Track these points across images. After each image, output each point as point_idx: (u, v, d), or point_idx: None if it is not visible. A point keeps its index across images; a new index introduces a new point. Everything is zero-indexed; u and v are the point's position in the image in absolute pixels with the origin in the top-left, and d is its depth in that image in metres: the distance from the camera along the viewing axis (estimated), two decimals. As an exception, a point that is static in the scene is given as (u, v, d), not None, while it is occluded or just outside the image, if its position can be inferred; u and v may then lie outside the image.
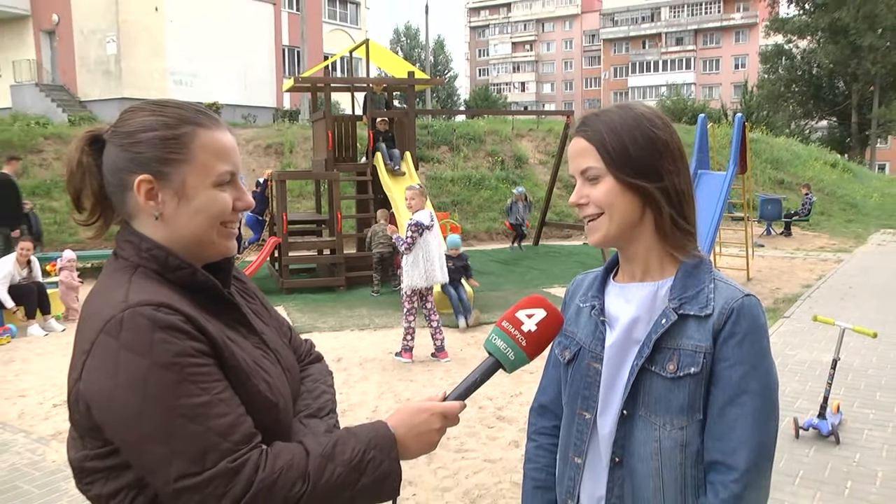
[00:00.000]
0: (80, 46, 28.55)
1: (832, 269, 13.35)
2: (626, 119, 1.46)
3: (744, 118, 11.82)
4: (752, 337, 1.40)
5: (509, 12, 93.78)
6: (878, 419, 5.63)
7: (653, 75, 79.76)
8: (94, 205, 1.37)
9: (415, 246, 7.34)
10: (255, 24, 31.95)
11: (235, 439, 1.20)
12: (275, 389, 1.34)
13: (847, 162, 31.81)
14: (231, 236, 1.39)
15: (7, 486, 4.60)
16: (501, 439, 5.34)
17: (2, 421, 5.87)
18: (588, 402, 1.53)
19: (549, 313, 1.41)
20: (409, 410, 1.37)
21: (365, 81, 14.42)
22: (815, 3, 42.98)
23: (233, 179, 1.37)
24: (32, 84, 28.95)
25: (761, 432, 1.38)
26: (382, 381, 6.85)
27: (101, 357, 1.19)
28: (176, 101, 1.38)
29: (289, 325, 1.63)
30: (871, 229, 20.58)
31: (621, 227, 1.47)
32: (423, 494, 4.43)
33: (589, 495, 1.54)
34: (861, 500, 4.26)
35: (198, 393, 1.19)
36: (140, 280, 1.28)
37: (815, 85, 44.77)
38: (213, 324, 1.29)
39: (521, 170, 21.04)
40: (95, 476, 1.27)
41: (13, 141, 17.21)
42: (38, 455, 5.12)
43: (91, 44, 28.20)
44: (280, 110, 31.13)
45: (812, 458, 4.88)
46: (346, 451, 1.27)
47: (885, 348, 7.57)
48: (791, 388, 6.30)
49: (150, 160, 1.30)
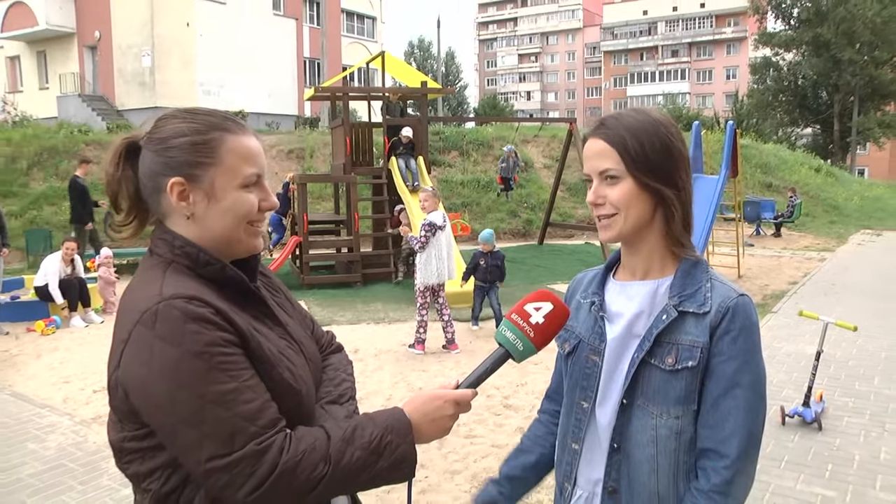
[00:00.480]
0: (118, 60, 28.71)
1: (816, 267, 13.29)
2: (644, 124, 1.44)
3: (735, 125, 11.77)
4: (746, 334, 1.40)
5: (516, 26, 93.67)
6: (857, 407, 5.63)
7: (650, 85, 79.52)
8: (131, 206, 1.37)
9: (428, 245, 7.34)
10: (279, 37, 32.05)
11: (262, 423, 1.20)
12: (298, 377, 1.34)
13: (830, 167, 31.62)
14: (257, 234, 1.39)
15: (55, 464, 4.65)
16: (508, 426, 5.33)
17: (49, 405, 5.91)
18: (586, 392, 1.53)
19: (555, 306, 1.41)
20: (423, 398, 1.36)
21: (381, 91, 14.43)
22: (799, 20, 42.97)
23: (258, 181, 1.37)
24: (76, 95, 29.17)
25: (751, 423, 1.38)
26: (396, 371, 6.85)
27: (138, 346, 1.20)
28: (206, 109, 1.38)
29: (311, 318, 1.63)
30: (852, 230, 20.53)
31: (634, 227, 1.46)
32: (435, 477, 4.44)
33: (586, 479, 1.54)
34: (840, 481, 4.27)
35: (226, 380, 1.19)
36: (173, 275, 1.28)
37: (801, 95, 44.65)
38: (241, 316, 1.29)
39: (527, 173, 20.99)
40: (133, 456, 1.28)
41: (58, 147, 17.33)
42: (81, 437, 5.16)
43: (128, 57, 28.34)
44: (301, 118, 31.15)
45: (797, 443, 4.87)
46: (364, 435, 1.27)
47: (864, 341, 7.55)
48: (778, 379, 6.28)
49: (182, 164, 1.31)
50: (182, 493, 1.26)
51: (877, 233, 20.12)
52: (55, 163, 16.98)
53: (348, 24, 38.31)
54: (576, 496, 1.56)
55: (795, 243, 17.50)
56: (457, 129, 23.86)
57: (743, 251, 12.98)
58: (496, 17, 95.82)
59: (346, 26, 37.91)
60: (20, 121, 22.96)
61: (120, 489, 4.20)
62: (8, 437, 5.17)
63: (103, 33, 29.02)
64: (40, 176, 16.61)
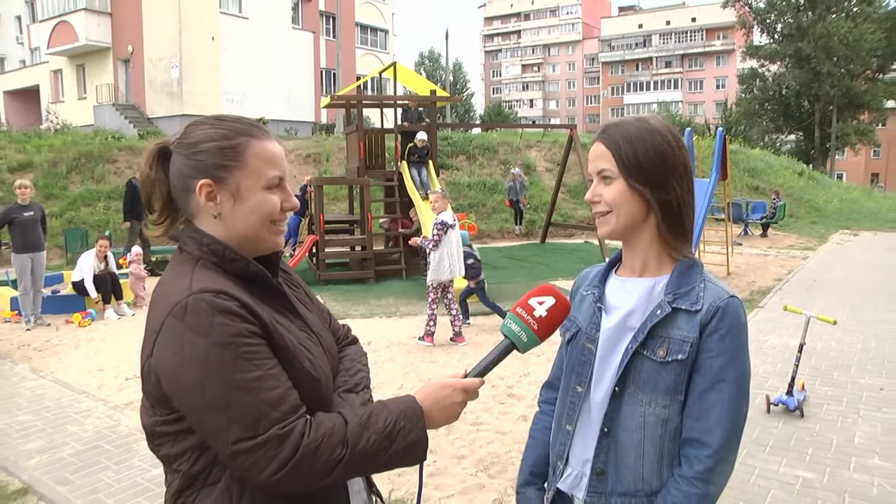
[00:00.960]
0: (149, 72, 28.80)
1: (800, 265, 13.23)
2: (641, 131, 1.46)
3: (724, 132, 11.71)
4: (734, 333, 1.40)
5: (519, 38, 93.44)
6: (835, 395, 5.62)
7: (645, 94, 79.22)
8: (163, 206, 1.38)
9: (441, 243, 7.30)
10: (297, 49, 32.06)
11: (284, 409, 1.20)
12: (317, 367, 1.35)
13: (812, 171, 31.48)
14: (279, 233, 1.39)
15: (91, 446, 4.68)
16: (512, 414, 5.32)
17: (85, 391, 5.94)
18: (581, 377, 1.54)
19: (557, 300, 1.41)
20: (434, 386, 1.36)
21: (393, 99, 14.40)
22: (782, 34, 42.96)
23: (281, 183, 1.37)
24: (110, 104, 29.28)
25: (734, 415, 1.39)
26: (407, 361, 6.84)
27: (169, 336, 1.20)
28: (233, 116, 1.38)
29: (328, 312, 1.63)
30: (832, 230, 20.44)
31: (627, 225, 1.47)
32: (443, 461, 4.43)
33: (577, 458, 1.55)
34: (819, 464, 4.28)
35: (251, 369, 1.20)
36: (202, 270, 1.29)
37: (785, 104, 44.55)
38: (264, 309, 1.30)
39: (530, 176, 20.94)
40: (164, 439, 1.29)
41: (94, 152, 17.41)
42: (115, 420, 5.18)
43: (158, 69, 28.44)
44: (318, 124, 31.20)
45: (780, 429, 4.86)
46: (379, 420, 1.27)
47: (842, 334, 7.54)
48: (763, 369, 6.25)
49: (209, 167, 1.31)
50: (210, 473, 1.27)
51: (854, 233, 20.07)
52: (91, 167, 17.06)
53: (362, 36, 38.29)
54: (566, 474, 1.56)
55: (780, 242, 17.42)
56: (464, 135, 23.84)
57: (732, 250, 12.92)
58: (501, 30, 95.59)
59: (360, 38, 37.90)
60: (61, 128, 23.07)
61: (150, 469, 4.22)
62: (51, 420, 5.21)
63: (136, 47, 29.15)
64: (78, 179, 16.69)
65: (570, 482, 1.55)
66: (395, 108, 13.91)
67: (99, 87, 30.43)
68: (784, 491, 3.91)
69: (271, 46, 30.15)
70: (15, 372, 6.57)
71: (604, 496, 1.48)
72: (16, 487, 4.08)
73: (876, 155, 63.38)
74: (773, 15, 43.32)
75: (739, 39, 53.53)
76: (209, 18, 28.15)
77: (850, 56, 39.47)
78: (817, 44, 39.32)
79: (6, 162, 16.31)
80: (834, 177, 40.88)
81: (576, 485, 1.54)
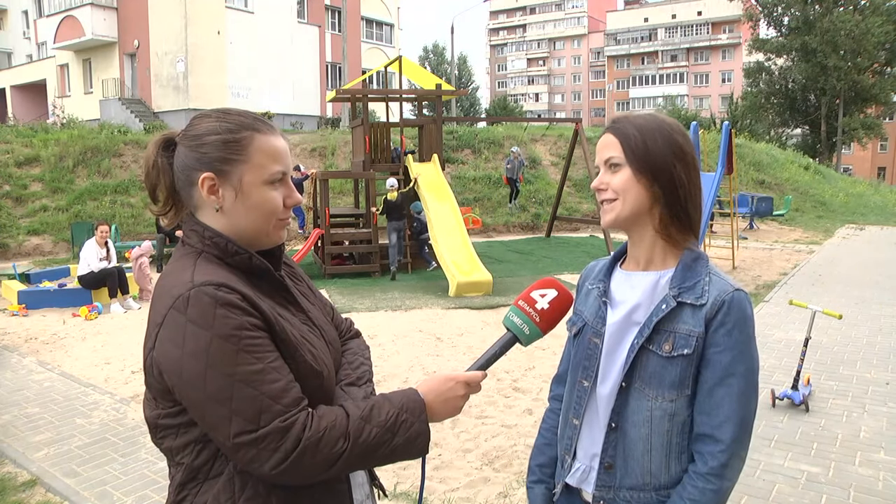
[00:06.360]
0: (154, 66, 28.84)
1: (805, 259, 13.16)
2: (650, 122, 1.47)
3: (730, 126, 11.64)
4: (741, 326, 1.40)
5: (525, 32, 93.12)
6: (841, 390, 5.60)
7: (651, 88, 78.91)
8: (167, 198, 1.37)
9: None
10: (303, 44, 32.05)
11: (286, 402, 1.20)
12: (319, 360, 1.34)
13: (818, 165, 31.31)
14: (282, 228, 1.39)
15: (98, 438, 4.71)
16: (517, 407, 5.32)
17: (92, 384, 5.97)
18: (587, 371, 1.53)
19: (559, 293, 1.40)
20: (437, 379, 1.36)
21: (398, 93, 14.37)
22: (789, 28, 42.67)
23: (284, 179, 1.36)
24: (116, 99, 29.34)
25: (745, 409, 1.39)
26: (412, 355, 6.84)
27: (171, 329, 1.20)
28: (238, 110, 1.38)
29: (331, 305, 1.63)
30: (838, 224, 20.30)
31: (632, 213, 1.46)
32: (448, 454, 4.44)
33: (585, 452, 1.55)
34: (824, 458, 4.27)
35: (253, 361, 1.19)
36: (204, 263, 1.28)
37: (791, 98, 44.28)
38: (266, 302, 1.29)
39: (535, 170, 20.90)
40: (167, 431, 1.29)
41: (100, 147, 17.41)
42: (121, 413, 5.21)
43: (164, 63, 28.47)
44: (324, 118, 31.18)
45: (786, 423, 4.85)
46: (381, 413, 1.27)
47: (848, 328, 7.51)
48: (769, 364, 6.23)
49: (213, 160, 1.31)
50: (212, 466, 1.26)
51: (860, 227, 19.94)
52: (97, 161, 17.08)
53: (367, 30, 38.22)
54: (574, 468, 1.56)
55: (786, 237, 17.35)
56: (469, 129, 23.76)
57: (737, 244, 12.88)
58: (506, 24, 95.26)
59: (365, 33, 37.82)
60: (67, 123, 23.11)
61: (156, 462, 4.24)
62: (59, 413, 5.23)
63: (142, 42, 29.18)
64: (84, 173, 16.71)
65: (579, 476, 1.55)
66: (401, 102, 13.85)
67: (105, 82, 30.47)
68: (789, 485, 3.90)
69: (277, 41, 30.17)
70: (23, 365, 6.60)
71: (612, 490, 1.48)
72: (24, 479, 4.11)
73: (883, 149, 62.93)
74: (780, 8, 43.04)
75: (745, 33, 53.10)
76: (215, 13, 28.14)
77: (858, 50, 39.21)
78: (824, 37, 39.05)
79: (13, 156, 16.35)
80: (840, 171, 40.69)
81: (584, 479, 1.54)
